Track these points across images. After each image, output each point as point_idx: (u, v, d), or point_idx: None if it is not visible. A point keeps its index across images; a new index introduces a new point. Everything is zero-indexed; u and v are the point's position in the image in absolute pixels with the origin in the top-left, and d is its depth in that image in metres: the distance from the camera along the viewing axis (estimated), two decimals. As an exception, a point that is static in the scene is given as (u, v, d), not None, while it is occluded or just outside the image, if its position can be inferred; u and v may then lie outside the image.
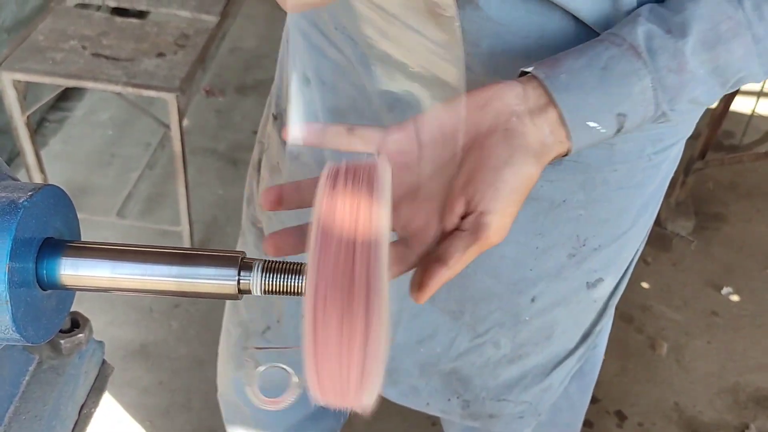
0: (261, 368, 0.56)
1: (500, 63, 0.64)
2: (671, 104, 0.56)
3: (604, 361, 1.11)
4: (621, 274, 0.87)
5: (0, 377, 0.57)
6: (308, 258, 0.38)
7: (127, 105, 2.40)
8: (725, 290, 2.07)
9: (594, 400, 1.73)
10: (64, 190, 0.46)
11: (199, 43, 1.77)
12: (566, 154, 0.56)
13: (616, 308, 0.95)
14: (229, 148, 2.41)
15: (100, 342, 0.69)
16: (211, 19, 1.88)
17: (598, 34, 0.59)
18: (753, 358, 1.91)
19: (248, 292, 0.44)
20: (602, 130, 0.55)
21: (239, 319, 1.08)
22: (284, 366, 0.57)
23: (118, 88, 1.59)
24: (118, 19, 1.82)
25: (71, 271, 0.44)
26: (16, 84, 1.61)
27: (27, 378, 0.61)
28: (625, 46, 0.55)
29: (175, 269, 0.44)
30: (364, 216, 0.38)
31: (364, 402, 0.40)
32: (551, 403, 0.98)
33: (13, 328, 0.41)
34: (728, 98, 2.04)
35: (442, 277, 0.51)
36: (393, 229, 0.54)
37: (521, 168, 0.52)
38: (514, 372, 0.91)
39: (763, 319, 2.02)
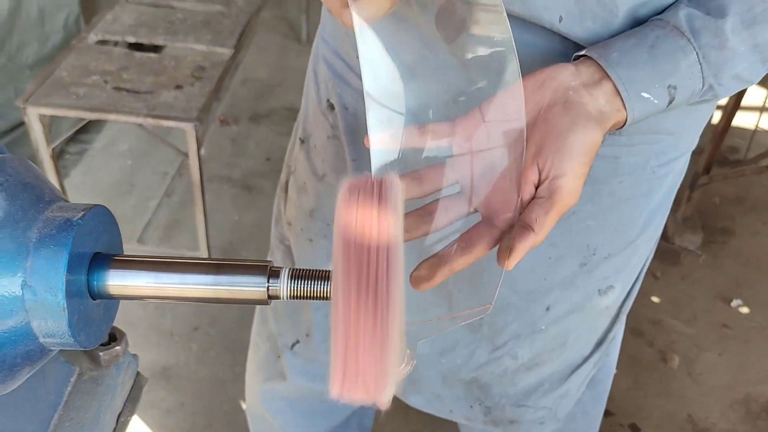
0: None
1: None
2: (717, 78, 0.61)
3: (616, 375, 1.14)
4: (632, 282, 0.91)
5: (45, 388, 0.62)
6: (333, 264, 0.43)
7: (144, 136, 2.48)
8: (735, 302, 2.10)
9: (608, 413, 1.75)
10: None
11: (215, 74, 1.84)
12: (624, 124, 0.60)
13: (627, 323, 0.98)
14: (243, 175, 2.47)
15: (135, 355, 0.74)
16: (226, 52, 1.95)
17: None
18: (765, 369, 1.93)
19: (277, 297, 0.48)
20: (655, 101, 0.59)
21: (268, 333, 1.12)
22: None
23: (139, 120, 1.66)
24: (138, 54, 1.90)
25: (118, 281, 0.49)
26: (42, 118, 1.68)
27: (69, 388, 0.66)
28: (669, 27, 0.60)
29: (210, 278, 0.49)
30: (379, 225, 0.43)
31: (384, 396, 0.45)
32: (570, 408, 1.01)
33: (69, 334, 0.46)
34: (730, 114, 2.08)
35: (528, 241, 0.53)
36: (476, 210, 0.57)
37: (584, 132, 0.56)
38: (532, 379, 0.95)
39: (773, 330, 2.04)
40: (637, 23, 0.64)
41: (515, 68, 0.55)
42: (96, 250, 0.49)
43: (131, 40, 2.03)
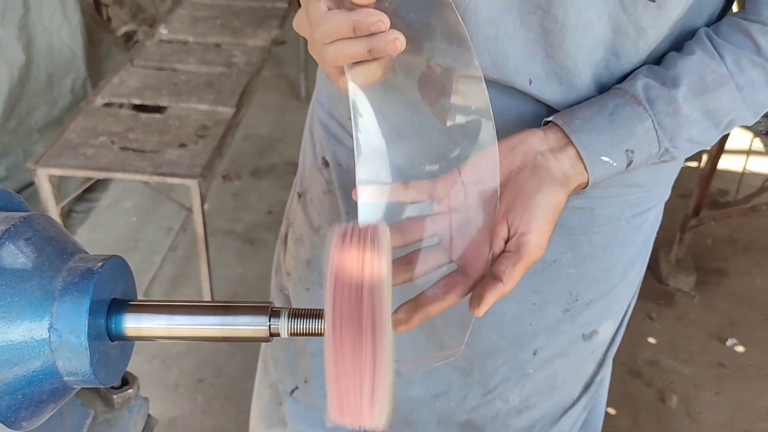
0: None
1: None
2: (672, 142, 0.67)
3: (615, 416, 1.16)
4: (616, 327, 0.95)
5: (62, 428, 0.67)
6: (325, 303, 0.48)
7: (149, 193, 2.55)
8: (730, 342, 2.13)
9: (609, 455, 1.77)
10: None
11: (217, 133, 1.91)
12: (586, 186, 0.66)
13: (625, 363, 1.01)
14: (246, 228, 2.53)
15: (146, 398, 0.78)
16: (228, 111, 2.03)
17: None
18: (762, 407, 1.95)
19: (277, 335, 0.53)
20: (614, 164, 0.65)
21: (269, 381, 1.16)
22: None
23: (145, 178, 1.73)
24: (143, 115, 1.98)
25: (133, 324, 0.54)
26: (51, 178, 1.75)
27: (85, 429, 0.70)
28: (628, 96, 0.66)
29: (217, 319, 0.54)
30: (368, 267, 0.48)
31: (376, 421, 0.49)
32: None
33: (91, 372, 0.51)
34: (715, 157, 2.15)
35: (497, 290, 0.59)
36: (451, 260, 0.63)
37: (550, 193, 0.62)
38: (524, 422, 0.98)
39: (769, 368, 2.07)
40: (600, 87, 0.70)
41: (491, 133, 0.62)
42: (113, 296, 0.54)
43: (137, 102, 2.12)
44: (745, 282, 2.36)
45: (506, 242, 0.62)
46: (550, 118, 0.67)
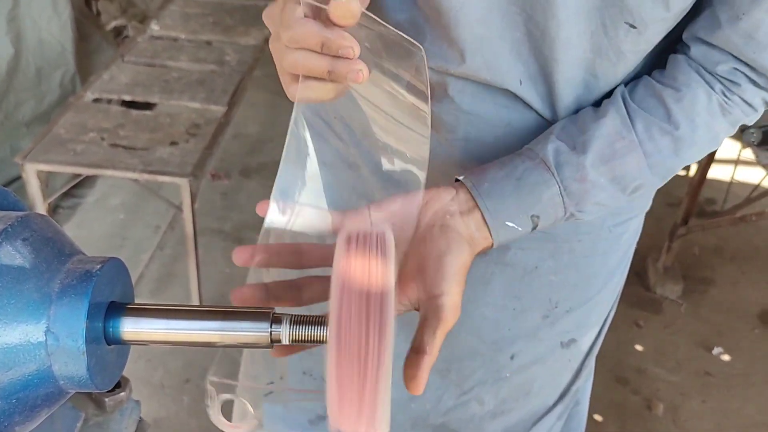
0: (224, 396, 0.64)
1: (474, 147, 0.75)
2: (578, 207, 0.67)
3: (602, 423, 1.16)
4: (594, 336, 0.95)
5: (53, 431, 0.65)
6: (330, 309, 0.48)
7: (136, 191, 2.52)
8: (716, 350, 2.14)
9: (595, 462, 1.77)
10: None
11: (209, 131, 1.90)
12: (491, 247, 0.66)
13: (612, 371, 1.02)
14: (234, 228, 2.51)
15: (138, 401, 0.77)
16: (219, 109, 2.02)
17: (546, 123, 0.71)
18: (747, 415, 1.96)
19: (279, 341, 0.52)
20: (519, 229, 0.65)
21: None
22: (244, 400, 0.64)
23: (135, 175, 1.71)
24: (134, 112, 1.96)
25: (131, 328, 0.53)
26: (39, 174, 1.73)
27: (76, 433, 0.69)
28: (537, 160, 0.66)
29: (217, 324, 0.53)
30: (375, 274, 0.48)
31: (377, 429, 0.48)
32: None
33: (88, 376, 0.49)
34: (705, 167, 2.16)
35: (426, 363, 0.58)
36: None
37: (458, 255, 0.62)
38: (498, 427, 0.98)
39: (755, 377, 2.08)
40: (578, 104, 0.71)
41: (419, 185, 0.62)
42: (111, 299, 0.53)
43: (127, 98, 2.10)
44: (731, 291, 2.38)
45: (414, 304, 0.61)
46: (460, 177, 0.67)
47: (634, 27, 0.64)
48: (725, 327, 2.23)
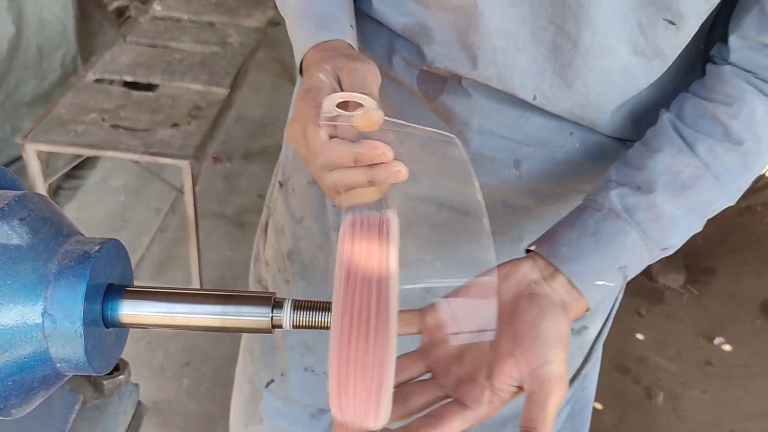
0: None
1: (487, 139, 0.74)
2: (660, 245, 0.64)
3: (602, 411, 1.16)
4: (603, 321, 0.95)
5: (51, 414, 0.65)
6: (333, 296, 0.47)
7: (138, 172, 2.51)
8: (717, 340, 2.13)
9: (594, 450, 1.77)
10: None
11: (211, 113, 1.88)
12: (587, 310, 0.62)
13: (613, 359, 1.02)
14: (236, 212, 2.50)
15: (137, 384, 0.76)
16: (222, 92, 2.00)
17: (563, 119, 0.70)
18: (747, 406, 1.96)
19: (280, 326, 0.52)
20: (611, 284, 0.62)
21: (249, 377, 1.14)
22: None
23: (136, 157, 1.70)
24: (135, 93, 1.94)
25: (130, 311, 0.52)
26: (40, 154, 1.72)
27: (74, 415, 0.69)
28: (605, 210, 0.63)
29: (217, 308, 0.52)
30: (379, 258, 0.47)
31: (379, 420, 0.47)
32: None
33: (85, 359, 0.49)
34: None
35: None
36: (447, 395, 0.59)
37: (554, 320, 0.58)
38: (506, 411, 0.97)
39: (756, 368, 2.07)
40: (612, 109, 0.69)
41: (492, 262, 0.59)
42: (110, 281, 0.52)
43: (129, 79, 2.08)
44: (734, 281, 2.37)
45: (518, 382, 0.58)
46: (532, 248, 0.64)
47: (673, 23, 0.62)
48: (727, 317, 2.22)
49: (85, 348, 0.48)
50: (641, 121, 0.72)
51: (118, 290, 0.52)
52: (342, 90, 0.57)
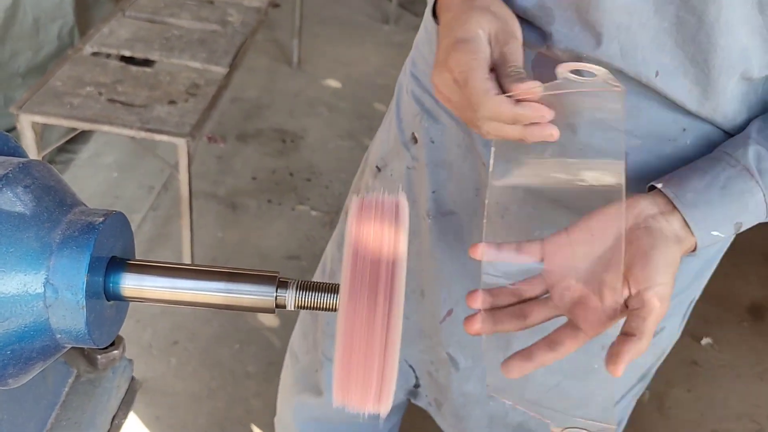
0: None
1: (596, 129, 0.73)
2: None
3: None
4: (679, 322, 0.97)
5: (44, 386, 0.64)
6: (342, 277, 0.46)
7: (131, 149, 2.49)
8: (704, 341, 2.15)
9: (578, 444, 1.78)
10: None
11: (209, 92, 1.87)
12: (694, 250, 0.66)
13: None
14: (228, 193, 2.49)
15: (131, 360, 0.76)
16: (220, 71, 1.99)
17: (678, 111, 0.70)
18: (731, 407, 1.98)
19: (284, 306, 0.51)
20: (722, 236, 0.66)
21: (307, 347, 1.14)
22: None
23: (132, 133, 1.68)
24: (133, 68, 1.92)
25: (132, 284, 0.51)
26: (35, 126, 1.70)
27: (67, 388, 0.68)
28: (739, 167, 0.66)
29: (222, 285, 0.51)
30: (388, 240, 0.46)
31: (382, 405, 0.47)
32: None
33: (86, 331, 0.48)
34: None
35: (633, 348, 0.60)
36: (561, 314, 0.66)
37: (666, 251, 0.63)
38: (579, 414, 0.96)
39: (741, 369, 2.09)
40: (731, 94, 0.69)
41: (621, 192, 0.62)
42: (113, 254, 0.51)
43: (127, 54, 2.06)
44: (722, 283, 2.37)
45: (626, 303, 0.63)
46: (658, 185, 0.67)
47: None
48: (714, 318, 2.24)
49: (86, 320, 0.48)
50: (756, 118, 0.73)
51: (121, 263, 0.52)
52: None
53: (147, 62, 2.04)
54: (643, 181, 0.74)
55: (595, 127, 0.72)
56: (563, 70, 0.59)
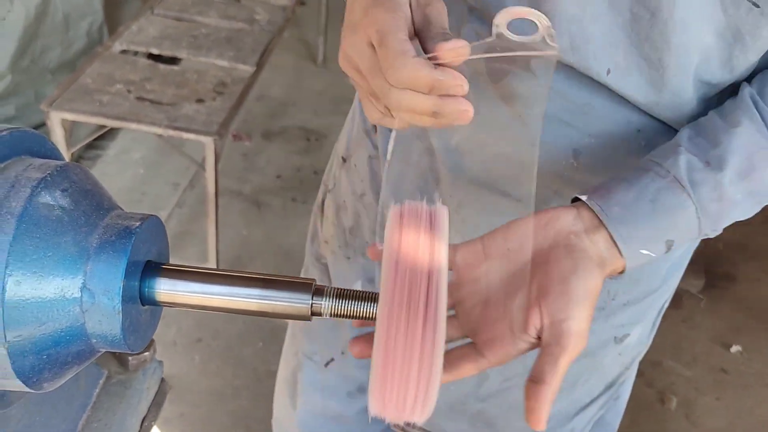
0: None
1: (549, 124, 0.70)
2: (713, 227, 0.61)
3: (613, 413, 1.14)
4: (647, 331, 0.92)
5: (76, 388, 0.64)
6: (381, 286, 0.45)
7: (157, 146, 2.51)
8: (734, 348, 2.11)
9: (603, 451, 1.76)
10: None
11: (236, 91, 1.87)
12: (622, 272, 0.60)
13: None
14: (253, 190, 2.50)
15: (161, 361, 0.76)
16: (248, 69, 1.99)
17: (632, 112, 0.67)
18: (760, 415, 1.94)
19: (319, 314, 0.50)
20: (653, 255, 0.60)
21: (295, 349, 1.12)
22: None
23: (160, 131, 1.69)
24: (162, 66, 1.93)
25: (168, 289, 0.51)
26: (64, 123, 1.71)
27: (98, 390, 0.68)
28: (669, 177, 0.60)
29: (257, 291, 0.51)
30: (430, 251, 0.45)
31: (420, 417, 0.46)
32: None
33: (121, 336, 0.48)
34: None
35: (545, 394, 0.54)
36: (465, 335, 0.59)
37: (586, 277, 0.56)
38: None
39: (770, 378, 2.06)
40: (688, 93, 0.65)
41: (530, 206, 0.58)
42: (148, 258, 0.51)
43: (155, 51, 2.07)
44: (753, 289, 2.34)
45: (539, 334, 0.56)
46: (583, 197, 0.61)
47: (757, 6, 0.59)
48: (744, 325, 2.20)
49: (122, 325, 0.47)
50: None
51: (156, 268, 0.51)
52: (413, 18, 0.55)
53: (174, 60, 2.05)
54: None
55: (523, 101, 0.68)
56: (501, 21, 0.53)
